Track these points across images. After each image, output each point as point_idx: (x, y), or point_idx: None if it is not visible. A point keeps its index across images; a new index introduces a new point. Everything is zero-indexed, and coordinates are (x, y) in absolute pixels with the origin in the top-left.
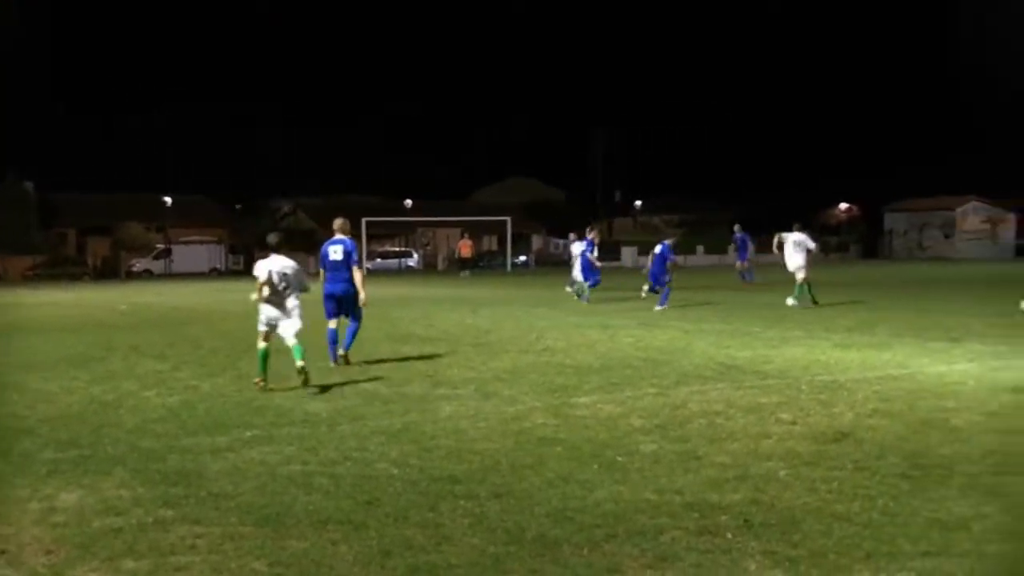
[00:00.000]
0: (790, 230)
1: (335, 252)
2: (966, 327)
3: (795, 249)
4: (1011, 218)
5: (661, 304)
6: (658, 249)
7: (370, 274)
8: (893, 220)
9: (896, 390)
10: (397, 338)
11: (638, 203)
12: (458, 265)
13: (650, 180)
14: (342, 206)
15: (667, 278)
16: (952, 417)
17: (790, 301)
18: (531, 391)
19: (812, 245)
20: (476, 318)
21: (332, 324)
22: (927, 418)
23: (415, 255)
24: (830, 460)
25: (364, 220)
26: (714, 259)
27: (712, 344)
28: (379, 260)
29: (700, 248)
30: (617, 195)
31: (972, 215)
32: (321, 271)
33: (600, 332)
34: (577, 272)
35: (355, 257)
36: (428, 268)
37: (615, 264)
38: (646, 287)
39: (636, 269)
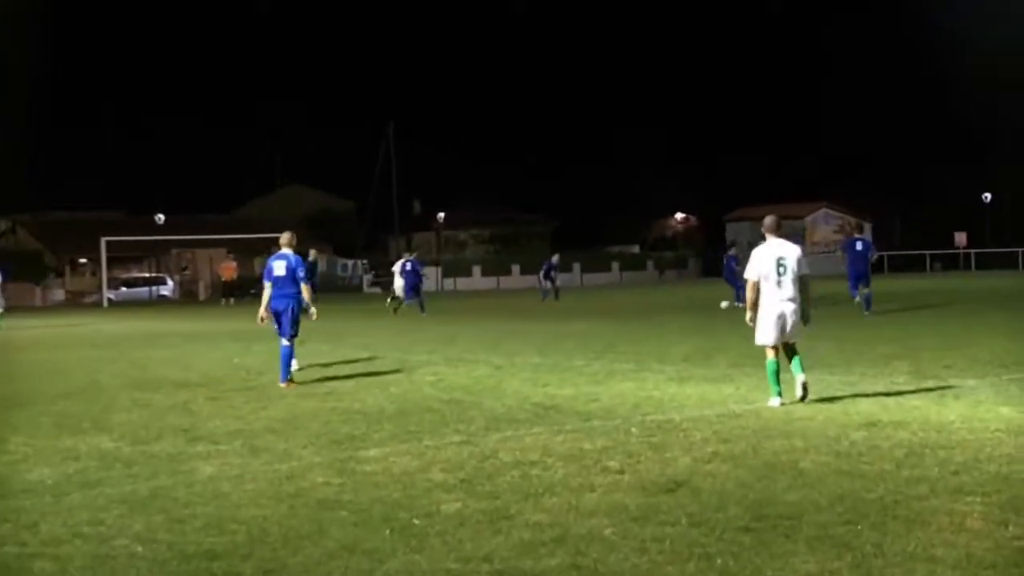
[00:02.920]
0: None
1: (279, 267)
2: (813, 351)
3: None
4: (867, 228)
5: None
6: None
7: (112, 306)
8: (735, 231)
9: (738, 429)
10: (145, 385)
11: (441, 215)
12: (221, 292)
13: (454, 188)
14: (75, 223)
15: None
16: (800, 459)
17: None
18: (310, 444)
19: None
20: (245, 357)
21: (285, 342)
22: (772, 461)
23: (170, 282)
24: (662, 514)
25: (104, 240)
26: (532, 280)
27: (527, 381)
28: (124, 289)
29: (515, 267)
30: (416, 206)
31: (823, 224)
32: (266, 285)
33: (395, 369)
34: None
35: (301, 272)
36: (187, 297)
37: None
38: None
39: (440, 292)
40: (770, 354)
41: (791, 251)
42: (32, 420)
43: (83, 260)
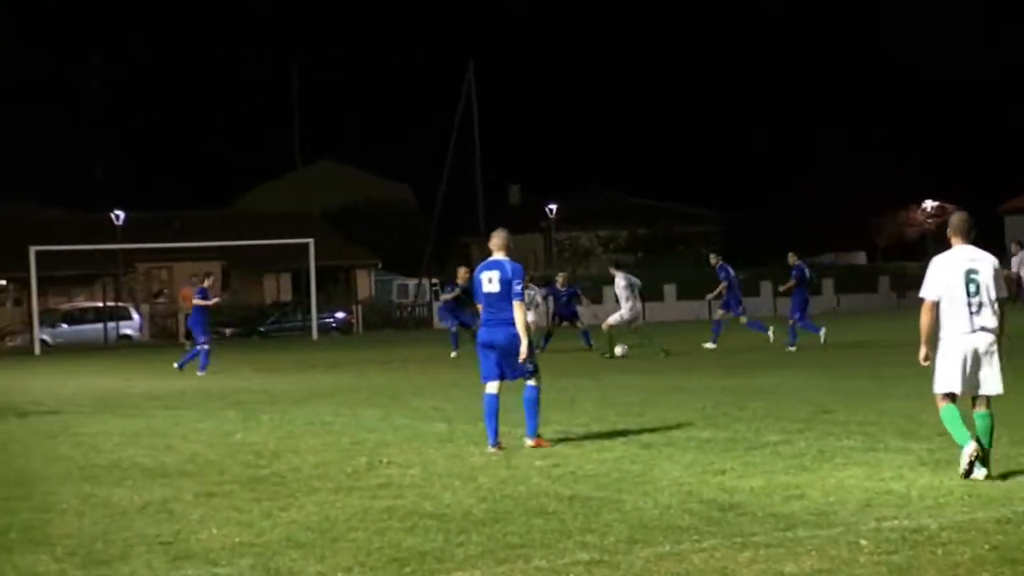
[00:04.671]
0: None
1: (490, 281)
2: None
3: None
4: None
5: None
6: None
7: (48, 352)
8: (1018, 226)
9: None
10: (101, 474)
11: (552, 208)
12: (184, 329)
13: (571, 169)
14: None
15: None
16: None
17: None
18: (357, 566)
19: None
20: (251, 431)
21: (491, 388)
22: None
23: (135, 315)
24: None
25: (33, 250)
26: (689, 306)
27: (692, 467)
28: (64, 327)
29: (670, 288)
30: (514, 193)
31: None
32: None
33: (484, 449)
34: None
35: (519, 287)
36: (160, 337)
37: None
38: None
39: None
40: (943, 402)
41: (986, 263)
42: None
43: (1, 281)
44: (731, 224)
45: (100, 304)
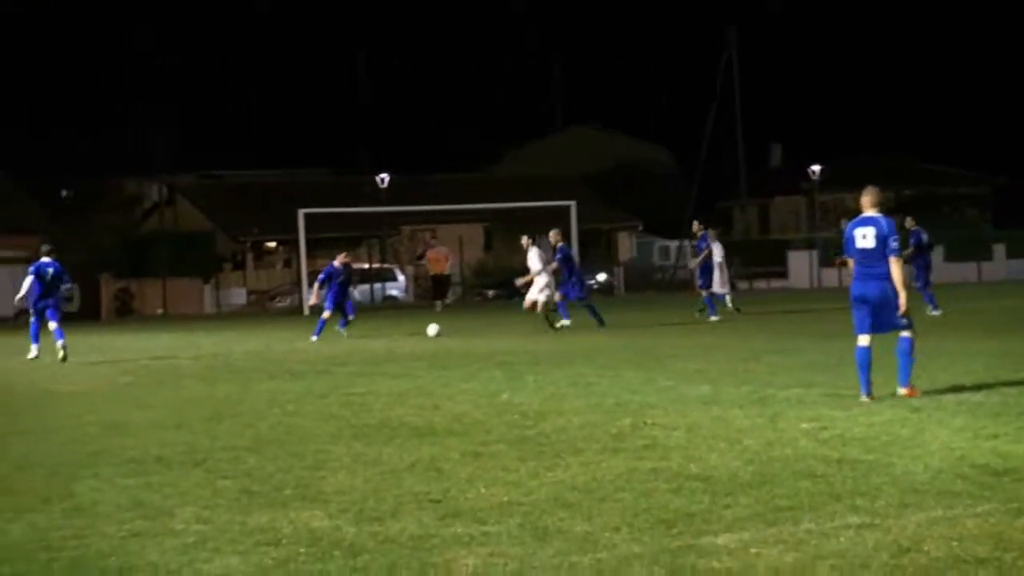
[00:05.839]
0: None
1: (864, 236)
2: None
3: None
4: None
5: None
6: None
7: (316, 313)
8: None
9: None
10: (370, 433)
11: (815, 169)
12: (430, 291)
13: (834, 128)
14: (260, 189)
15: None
16: None
17: None
18: (624, 525)
19: None
20: (516, 392)
21: (863, 341)
22: None
23: (400, 276)
24: None
25: (302, 213)
26: (964, 269)
27: (963, 431)
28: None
29: (938, 251)
30: (776, 154)
31: None
32: (847, 263)
33: (751, 411)
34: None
35: (895, 243)
36: (425, 299)
37: (781, 283)
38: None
39: (812, 290)
40: None
41: None
42: (208, 484)
43: (271, 244)
44: (1001, 187)
45: (366, 265)
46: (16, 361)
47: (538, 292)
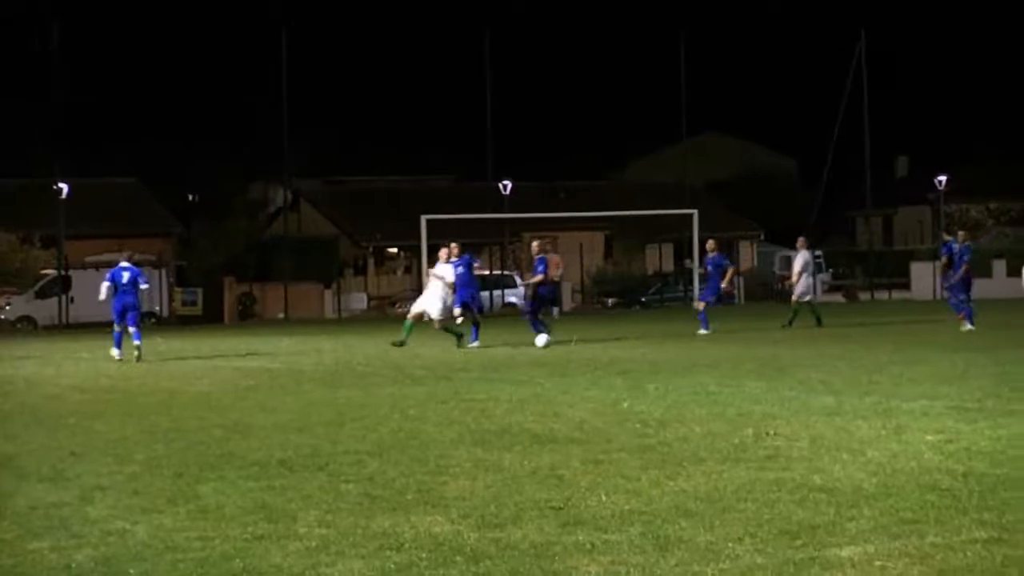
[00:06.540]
0: None
1: None
2: None
3: None
4: None
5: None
6: None
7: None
8: None
9: None
10: (491, 439)
11: (941, 179)
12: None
13: (963, 139)
14: (383, 194)
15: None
16: None
17: None
18: (747, 536)
19: None
20: (637, 400)
21: None
22: None
23: (519, 283)
24: None
25: (424, 219)
26: None
27: None
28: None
29: None
30: (902, 165)
31: None
32: None
33: (875, 423)
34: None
35: None
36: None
37: (904, 294)
38: None
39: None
40: None
41: None
42: (330, 488)
43: (393, 249)
44: None
45: (487, 271)
46: (143, 364)
47: (430, 303)
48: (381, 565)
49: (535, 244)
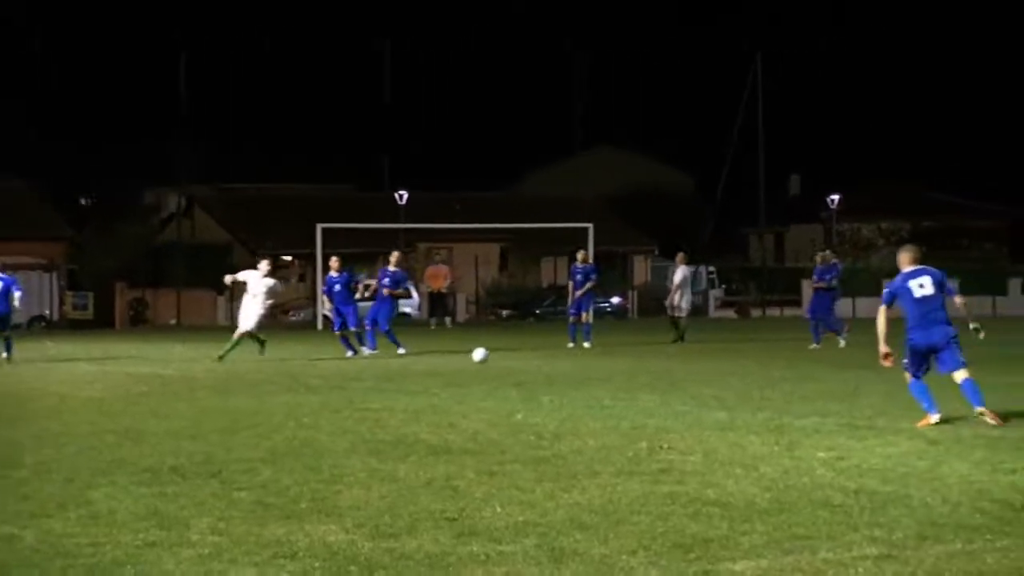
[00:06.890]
0: None
1: (921, 285)
2: None
3: None
4: None
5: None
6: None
7: (330, 327)
8: None
9: None
10: (385, 449)
11: (834, 199)
12: (439, 310)
13: (853, 160)
14: (277, 203)
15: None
16: None
17: None
18: (641, 549)
19: None
20: (532, 412)
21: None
22: None
23: (414, 294)
24: None
25: (320, 227)
26: (979, 303)
27: (982, 465)
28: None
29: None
30: (794, 183)
31: None
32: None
33: (768, 439)
34: None
35: (951, 284)
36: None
37: (795, 311)
38: None
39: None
40: None
41: None
42: (223, 495)
43: (287, 257)
44: (1020, 221)
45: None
46: (33, 368)
47: (247, 315)
48: (275, 573)
49: (394, 255)
